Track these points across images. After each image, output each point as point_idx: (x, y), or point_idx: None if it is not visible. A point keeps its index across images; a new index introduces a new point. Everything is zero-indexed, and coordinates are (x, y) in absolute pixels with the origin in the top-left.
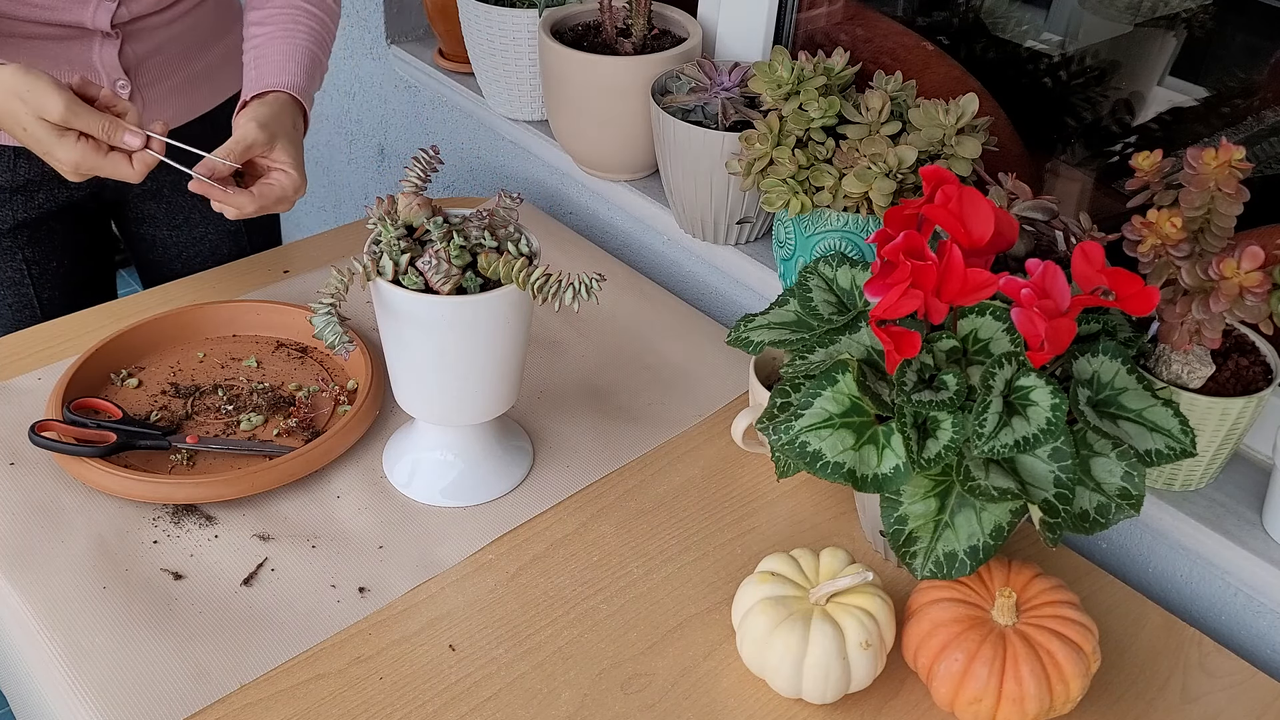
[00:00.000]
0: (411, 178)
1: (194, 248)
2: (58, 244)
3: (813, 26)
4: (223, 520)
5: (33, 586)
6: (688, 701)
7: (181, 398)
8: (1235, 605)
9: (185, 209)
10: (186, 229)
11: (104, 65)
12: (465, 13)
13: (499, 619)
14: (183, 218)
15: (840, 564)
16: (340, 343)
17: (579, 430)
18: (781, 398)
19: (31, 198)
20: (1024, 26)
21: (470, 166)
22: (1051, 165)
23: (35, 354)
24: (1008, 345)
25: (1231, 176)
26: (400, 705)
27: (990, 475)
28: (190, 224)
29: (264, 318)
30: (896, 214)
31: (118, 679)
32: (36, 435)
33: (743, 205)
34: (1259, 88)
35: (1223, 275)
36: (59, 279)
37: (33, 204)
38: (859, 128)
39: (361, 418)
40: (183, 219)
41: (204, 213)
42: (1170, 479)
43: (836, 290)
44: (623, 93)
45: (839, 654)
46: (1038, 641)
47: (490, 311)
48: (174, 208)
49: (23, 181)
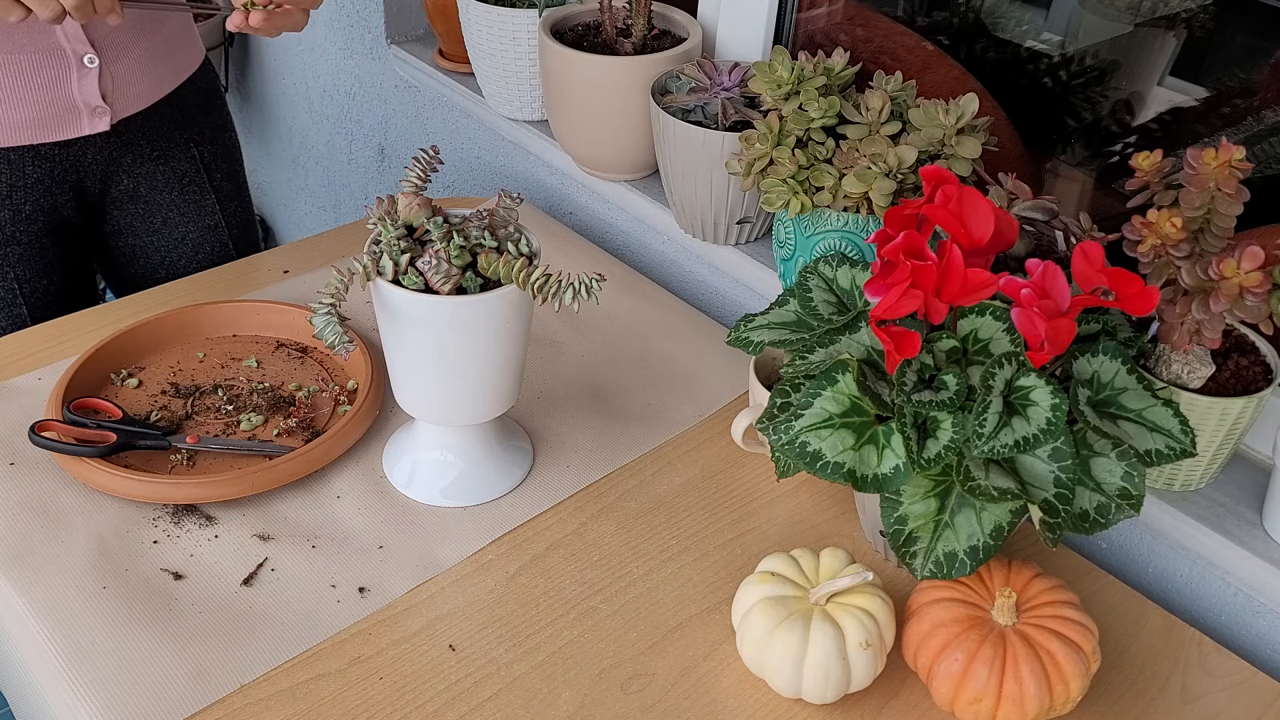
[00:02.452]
0: (411, 178)
1: (176, 250)
2: (48, 262)
3: (813, 26)
4: (223, 520)
5: (33, 586)
6: (688, 701)
7: (181, 398)
8: (1235, 605)
9: (163, 209)
10: (166, 231)
11: (69, 37)
12: (465, 13)
13: (499, 619)
14: (160, 219)
15: (840, 564)
16: (340, 343)
17: (579, 430)
18: (781, 398)
19: (19, 210)
20: (1024, 26)
21: (470, 166)
22: (1051, 165)
23: (35, 354)
24: (1008, 345)
25: (1231, 176)
26: (400, 705)
27: (990, 475)
28: (169, 225)
29: (264, 318)
30: (896, 214)
31: (118, 679)
32: (36, 435)
33: (743, 205)
34: (1259, 88)
35: (1223, 275)
36: (50, 297)
37: (20, 216)
38: (859, 128)
39: (361, 418)
40: (160, 221)
41: (182, 211)
42: (1170, 479)
43: (836, 290)
44: (623, 93)
45: (839, 654)
46: (1038, 641)
47: (490, 311)
48: (151, 208)
49: (4, 190)
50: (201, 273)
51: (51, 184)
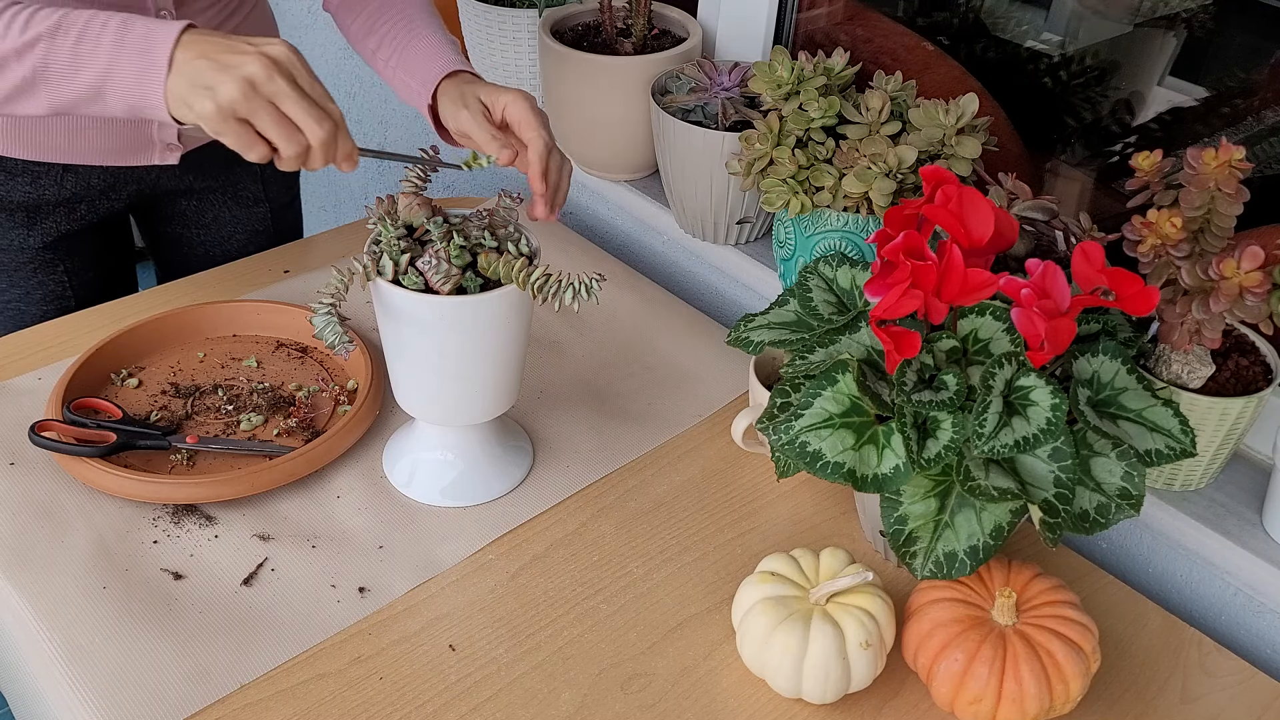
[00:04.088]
0: (411, 178)
1: (219, 248)
2: (94, 252)
3: (813, 26)
4: (223, 520)
5: (33, 586)
6: (688, 701)
7: (181, 398)
8: (1235, 605)
9: (215, 208)
10: (215, 228)
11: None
12: (465, 13)
13: (499, 619)
14: (212, 216)
15: (840, 564)
16: (340, 343)
17: (579, 430)
18: (781, 398)
19: (74, 210)
20: (1024, 26)
21: None
22: (1051, 165)
23: (35, 354)
24: (1008, 345)
25: (1231, 176)
26: (400, 705)
27: (990, 475)
28: (219, 223)
29: (264, 318)
30: (896, 214)
31: (118, 679)
32: (36, 435)
33: (743, 205)
34: (1259, 88)
35: (1223, 275)
36: (95, 287)
37: (74, 216)
38: (859, 128)
39: (361, 418)
40: (212, 218)
41: (233, 213)
42: (1170, 479)
43: (836, 290)
44: (623, 93)
45: (839, 654)
46: (1038, 641)
47: (490, 311)
48: (203, 205)
49: (68, 195)
50: (202, 273)
51: (113, 193)
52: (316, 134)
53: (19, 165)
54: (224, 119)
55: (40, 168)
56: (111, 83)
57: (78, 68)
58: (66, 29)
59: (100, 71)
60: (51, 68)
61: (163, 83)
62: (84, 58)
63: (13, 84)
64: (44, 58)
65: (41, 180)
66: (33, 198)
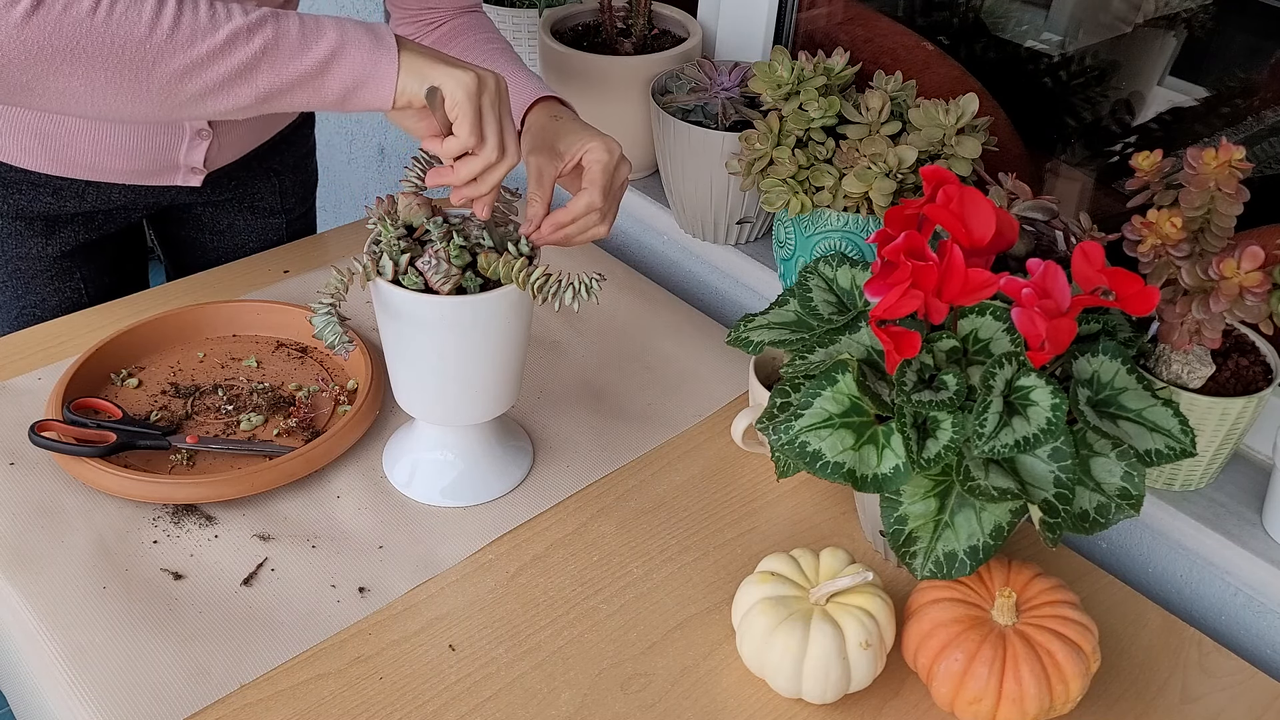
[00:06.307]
0: (411, 178)
1: (232, 255)
2: (110, 260)
3: (813, 26)
4: (223, 520)
5: (33, 586)
6: (688, 701)
7: (181, 398)
8: (1235, 605)
9: (231, 215)
10: (229, 235)
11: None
12: None
13: (499, 619)
14: (226, 224)
15: (840, 564)
16: (340, 343)
17: (579, 430)
18: (781, 398)
19: (92, 220)
20: (1024, 26)
21: None
22: (1051, 165)
23: (35, 354)
24: (1008, 345)
25: (1231, 176)
26: (400, 705)
27: (990, 475)
28: (233, 231)
29: (264, 318)
30: (897, 214)
31: (118, 679)
32: (36, 435)
33: (743, 205)
34: (1259, 88)
35: (1223, 275)
36: (109, 292)
37: (92, 226)
38: (859, 128)
39: (361, 418)
40: (226, 225)
41: (248, 221)
42: (1170, 479)
43: (836, 290)
44: (623, 93)
45: (839, 654)
46: (1038, 641)
47: (490, 311)
48: (220, 213)
49: (88, 209)
50: (201, 273)
51: (132, 206)
52: (511, 158)
53: (43, 178)
54: (470, 98)
55: (63, 182)
56: (342, 57)
57: (307, 43)
58: (285, 14)
59: (332, 45)
60: (282, 43)
61: (395, 60)
62: (312, 35)
63: (235, 65)
64: (275, 32)
65: (63, 193)
66: (53, 209)
